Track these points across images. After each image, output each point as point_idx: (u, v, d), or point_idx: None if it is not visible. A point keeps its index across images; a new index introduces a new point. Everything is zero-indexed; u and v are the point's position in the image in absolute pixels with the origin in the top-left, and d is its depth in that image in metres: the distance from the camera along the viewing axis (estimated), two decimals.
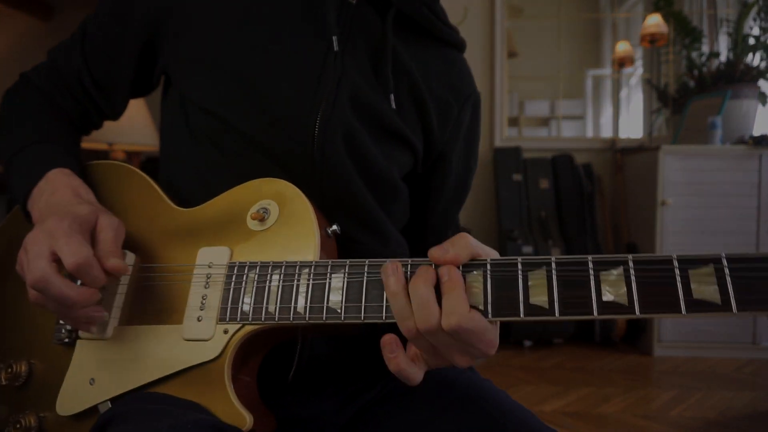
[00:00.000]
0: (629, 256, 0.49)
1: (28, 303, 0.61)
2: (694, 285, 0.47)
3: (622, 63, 3.60)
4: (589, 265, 0.50)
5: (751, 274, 0.46)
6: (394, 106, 0.73)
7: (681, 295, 0.47)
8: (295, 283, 0.58)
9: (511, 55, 3.76)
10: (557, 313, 0.49)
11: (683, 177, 2.84)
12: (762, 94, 3.05)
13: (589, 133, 4.56)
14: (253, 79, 0.69)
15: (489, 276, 0.52)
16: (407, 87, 0.75)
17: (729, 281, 0.46)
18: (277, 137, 0.68)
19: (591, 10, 4.26)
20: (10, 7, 3.81)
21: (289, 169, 0.68)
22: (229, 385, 0.58)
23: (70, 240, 0.57)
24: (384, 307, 0.55)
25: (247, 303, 0.59)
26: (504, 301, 0.51)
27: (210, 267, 0.62)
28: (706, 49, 3.38)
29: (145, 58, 0.77)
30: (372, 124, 0.72)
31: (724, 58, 3.21)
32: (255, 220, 0.63)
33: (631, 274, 0.49)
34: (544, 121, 4.48)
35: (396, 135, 0.74)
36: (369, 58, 0.73)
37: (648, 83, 3.81)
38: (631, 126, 4.20)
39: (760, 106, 3.05)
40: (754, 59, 3.09)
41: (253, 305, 0.59)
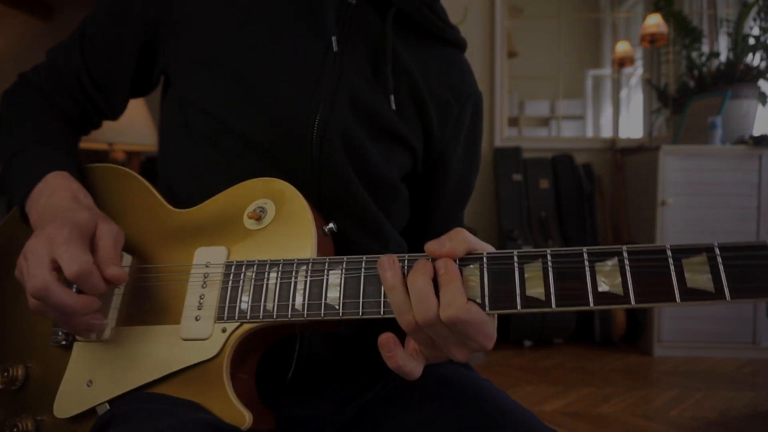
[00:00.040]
0: (623, 247, 0.50)
1: (25, 306, 0.60)
2: (687, 274, 0.48)
3: (622, 63, 3.61)
4: (584, 256, 0.50)
5: (743, 262, 0.47)
6: (394, 107, 0.73)
7: (675, 284, 0.48)
8: (292, 280, 0.58)
9: (511, 55, 3.77)
10: (554, 305, 0.50)
11: (683, 177, 2.84)
12: (762, 94, 3.05)
13: (589, 133, 4.57)
14: (252, 80, 0.69)
15: (485, 269, 0.53)
16: (407, 87, 0.75)
17: (722, 269, 0.47)
18: (275, 138, 0.68)
19: (591, 10, 4.27)
20: (10, 7, 3.82)
21: (288, 170, 0.68)
22: (227, 383, 0.58)
23: (70, 248, 0.57)
24: (382, 303, 0.55)
25: (245, 301, 0.59)
26: (501, 293, 0.52)
27: (207, 267, 0.62)
28: (706, 49, 3.38)
29: (145, 58, 0.77)
30: (371, 125, 0.72)
31: (724, 58, 3.21)
32: (252, 219, 0.63)
33: (626, 264, 0.49)
34: (544, 121, 4.49)
35: (395, 136, 0.74)
36: (369, 58, 0.73)
37: (648, 83, 3.81)
38: (631, 126, 4.20)
39: (760, 106, 3.05)
40: (754, 59, 3.09)
41: (251, 303, 0.59)
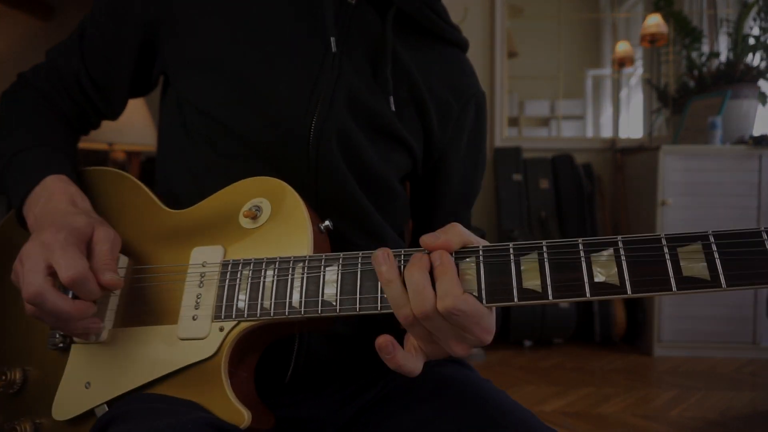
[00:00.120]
0: (618, 238, 0.50)
1: (22, 309, 0.60)
2: (683, 263, 0.48)
3: (622, 63, 3.60)
4: (580, 247, 0.50)
5: (738, 249, 0.46)
6: (394, 108, 0.73)
7: (671, 273, 0.47)
8: (289, 277, 0.58)
9: (511, 55, 3.77)
10: (551, 297, 0.50)
11: (683, 177, 2.84)
12: (762, 94, 3.05)
13: (589, 133, 4.57)
14: (251, 80, 0.69)
15: (482, 262, 0.53)
16: (407, 88, 0.75)
17: (717, 257, 0.47)
18: (274, 138, 0.68)
19: (591, 10, 4.27)
20: (10, 7, 3.82)
21: (286, 170, 0.68)
22: (226, 382, 0.58)
23: (66, 253, 0.57)
24: (379, 298, 0.55)
25: (242, 300, 0.59)
26: (497, 286, 0.52)
27: (204, 266, 0.62)
28: (706, 49, 3.38)
29: (144, 58, 0.77)
30: (369, 126, 0.72)
31: (724, 58, 3.21)
32: (247, 218, 0.63)
33: (621, 254, 0.49)
34: (544, 121, 4.49)
35: (394, 136, 0.73)
36: (368, 58, 0.73)
37: (648, 83, 3.81)
38: (631, 126, 4.20)
39: (760, 106, 3.05)
40: (754, 59, 3.10)
41: (248, 302, 0.59)
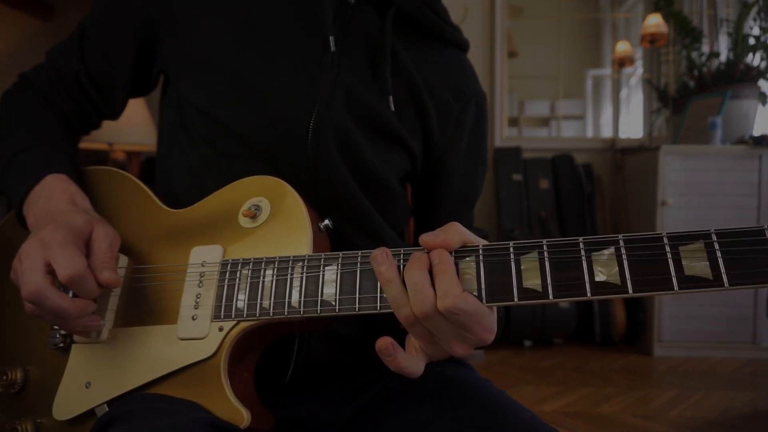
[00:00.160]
0: (620, 236, 0.49)
1: (22, 309, 0.60)
2: (685, 262, 0.47)
3: (622, 63, 3.60)
4: (581, 246, 0.50)
5: (741, 248, 0.46)
6: (393, 108, 0.73)
7: (673, 272, 0.47)
8: (288, 277, 0.58)
9: (511, 55, 3.76)
10: (551, 296, 0.49)
11: (683, 177, 2.84)
12: (762, 94, 3.05)
13: (589, 133, 4.57)
14: (250, 80, 0.69)
15: (481, 262, 0.53)
16: (406, 88, 0.74)
17: (719, 256, 0.46)
18: (273, 138, 0.68)
19: (591, 10, 4.27)
20: (10, 7, 3.81)
21: (285, 170, 0.68)
22: (225, 382, 0.57)
23: (65, 251, 0.57)
24: (378, 298, 0.55)
25: (241, 299, 0.59)
26: (497, 286, 0.52)
27: (203, 266, 0.62)
28: (706, 49, 3.38)
29: (143, 58, 0.77)
30: (368, 126, 0.71)
31: (724, 58, 3.21)
32: (247, 217, 0.63)
33: (623, 253, 0.49)
34: (544, 121, 4.48)
35: (392, 136, 0.73)
36: (368, 58, 0.73)
37: (648, 83, 3.81)
38: (631, 126, 4.20)
39: (760, 106, 3.05)
40: (754, 59, 3.09)
41: (248, 301, 0.58)
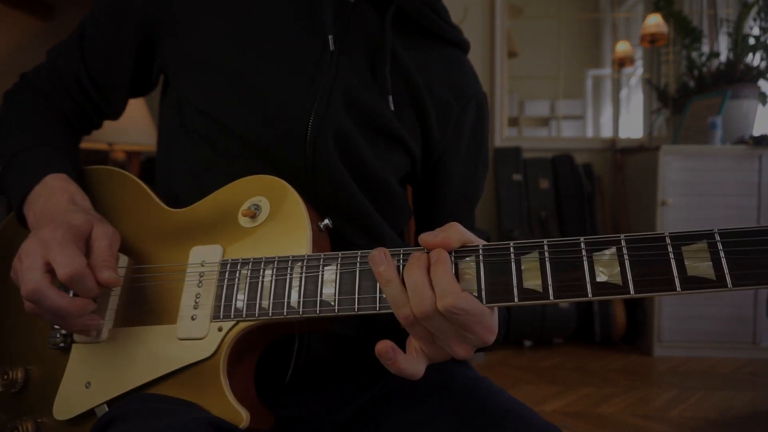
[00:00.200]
0: (621, 236, 0.49)
1: (23, 309, 0.60)
2: (687, 262, 0.46)
3: (622, 63, 3.60)
4: (582, 246, 0.49)
5: (745, 248, 0.45)
6: (393, 108, 0.72)
7: (675, 272, 0.46)
8: (288, 277, 0.58)
9: (511, 55, 3.76)
10: (552, 297, 0.49)
11: (683, 177, 2.84)
12: (762, 94, 3.05)
13: (589, 133, 4.57)
14: (249, 80, 0.69)
15: (481, 262, 0.52)
16: (406, 87, 0.74)
17: (723, 256, 0.45)
18: (271, 138, 0.68)
19: (591, 10, 4.27)
20: (10, 7, 3.81)
21: (285, 170, 0.68)
22: (224, 382, 0.57)
23: (64, 250, 0.57)
24: (377, 298, 0.54)
25: (240, 300, 0.59)
26: (497, 286, 0.51)
27: (203, 265, 0.62)
28: (706, 49, 3.38)
29: (143, 58, 0.77)
30: (367, 125, 0.71)
31: (724, 58, 3.21)
32: (246, 217, 0.63)
33: (624, 253, 0.48)
34: (544, 121, 4.48)
35: (392, 136, 0.73)
36: (367, 58, 0.73)
37: (648, 83, 3.81)
38: (631, 126, 4.20)
39: (760, 106, 3.05)
40: (754, 59, 3.09)
41: (247, 301, 0.58)
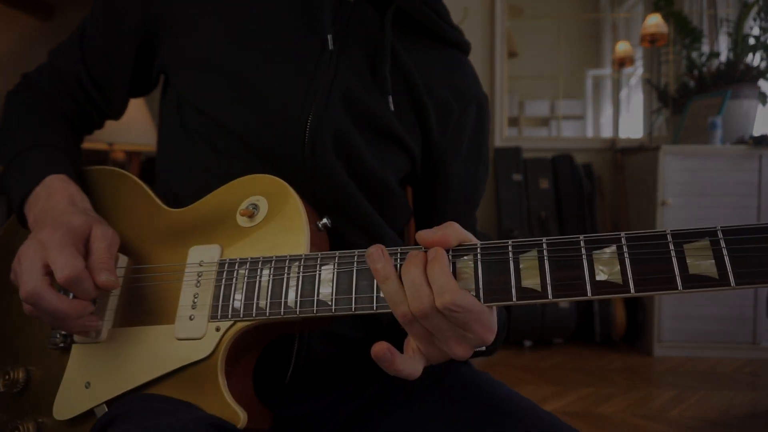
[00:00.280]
0: (622, 234, 0.48)
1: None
2: (689, 260, 0.46)
3: (622, 63, 3.60)
4: (581, 244, 0.49)
5: (748, 246, 0.44)
6: (392, 108, 0.72)
7: (677, 270, 0.46)
8: (285, 277, 0.58)
9: (511, 55, 3.76)
10: (550, 296, 0.48)
11: (683, 177, 2.84)
12: (762, 94, 3.05)
13: (589, 133, 4.56)
14: (249, 80, 0.68)
15: (479, 261, 0.52)
16: (406, 88, 0.74)
17: (725, 254, 0.45)
18: (271, 138, 0.68)
19: (591, 10, 4.27)
20: (10, 7, 3.81)
21: (284, 170, 0.68)
22: (222, 382, 0.57)
23: (62, 252, 0.57)
24: (375, 297, 0.54)
25: (238, 300, 0.59)
26: (495, 285, 0.51)
27: (201, 265, 0.62)
28: (706, 49, 3.38)
29: (143, 57, 0.77)
30: (366, 126, 0.71)
31: (724, 58, 3.21)
32: (244, 216, 0.63)
33: (625, 251, 0.47)
34: (544, 121, 4.48)
35: (391, 137, 0.73)
36: (367, 57, 0.73)
37: (648, 83, 3.81)
38: (631, 126, 4.20)
39: (760, 106, 3.05)
40: (754, 59, 3.09)
41: (244, 301, 0.58)
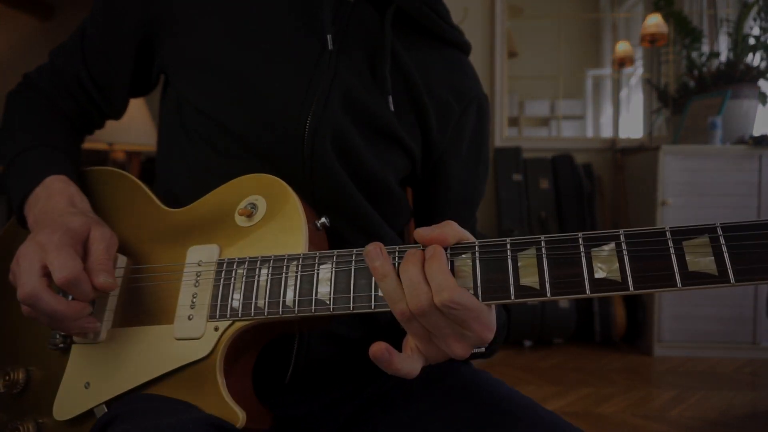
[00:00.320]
0: (620, 231, 0.48)
1: None
2: (689, 257, 0.45)
3: (622, 63, 3.60)
4: (580, 242, 0.49)
5: (748, 242, 0.44)
6: (392, 108, 0.72)
7: (676, 268, 0.45)
8: (283, 276, 0.58)
9: (511, 55, 3.76)
10: (549, 294, 0.48)
11: (683, 177, 2.84)
12: (762, 94, 3.05)
13: (589, 133, 4.56)
14: (249, 80, 0.68)
15: (477, 259, 0.52)
16: (406, 88, 0.74)
17: (725, 251, 0.44)
18: (270, 138, 0.68)
19: (591, 10, 4.27)
20: (10, 7, 3.81)
21: (283, 170, 0.67)
22: (221, 382, 0.57)
23: (60, 254, 0.57)
24: (373, 296, 0.54)
25: (236, 299, 0.59)
26: (494, 283, 0.51)
27: (200, 265, 0.62)
28: (706, 49, 3.38)
29: (143, 57, 0.77)
30: (366, 126, 0.71)
31: (724, 58, 3.21)
32: (243, 216, 0.63)
33: (623, 249, 0.47)
34: (544, 121, 4.48)
35: (391, 137, 0.73)
36: (367, 57, 0.73)
37: (648, 83, 3.81)
38: (631, 126, 4.20)
39: (760, 106, 3.05)
40: (754, 59, 3.09)
41: (243, 301, 0.58)
